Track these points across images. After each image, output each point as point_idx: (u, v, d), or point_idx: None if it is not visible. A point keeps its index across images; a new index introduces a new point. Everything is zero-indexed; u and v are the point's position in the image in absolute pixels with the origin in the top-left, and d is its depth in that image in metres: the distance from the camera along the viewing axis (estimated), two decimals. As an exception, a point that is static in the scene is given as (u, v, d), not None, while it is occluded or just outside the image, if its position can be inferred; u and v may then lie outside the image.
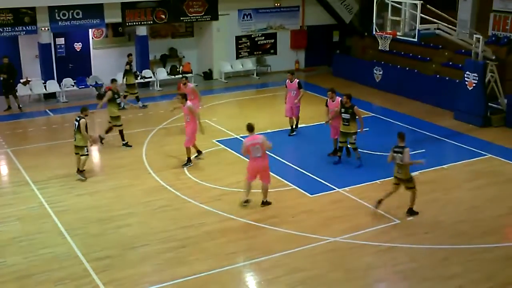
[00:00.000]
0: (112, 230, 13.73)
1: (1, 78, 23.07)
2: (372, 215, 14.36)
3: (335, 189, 15.80)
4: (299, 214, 14.47)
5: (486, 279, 11.65)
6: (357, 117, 16.97)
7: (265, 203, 14.89)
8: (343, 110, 16.98)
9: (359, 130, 17.07)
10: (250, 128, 14.76)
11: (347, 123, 16.98)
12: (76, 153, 16.60)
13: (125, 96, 22.99)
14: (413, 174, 16.44)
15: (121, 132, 19.12)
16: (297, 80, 20.09)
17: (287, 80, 20.17)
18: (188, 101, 17.38)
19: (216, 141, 19.54)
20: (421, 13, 19.46)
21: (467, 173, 17.03)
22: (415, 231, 13.59)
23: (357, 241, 13.14)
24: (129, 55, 24.48)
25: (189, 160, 17.33)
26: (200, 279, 11.70)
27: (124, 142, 19.05)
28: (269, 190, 15.35)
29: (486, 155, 18.26)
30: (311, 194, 15.53)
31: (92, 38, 26.83)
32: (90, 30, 26.33)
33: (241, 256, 12.60)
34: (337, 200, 15.28)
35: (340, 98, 17.37)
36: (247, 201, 14.85)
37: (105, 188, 16.10)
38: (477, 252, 12.70)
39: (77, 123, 16.36)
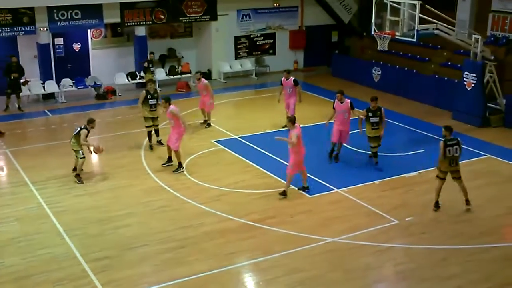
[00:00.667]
0: (111, 230, 13.73)
1: (12, 77, 23.10)
2: (371, 216, 14.37)
3: (333, 190, 15.81)
4: (298, 214, 14.47)
5: (484, 280, 11.66)
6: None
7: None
8: (371, 114, 16.76)
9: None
10: (295, 120, 15.12)
11: (376, 127, 16.81)
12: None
13: None
14: (413, 174, 16.59)
15: (149, 133, 18.97)
16: (293, 78, 20.21)
17: (283, 78, 20.33)
18: (171, 106, 17.05)
19: (215, 141, 19.54)
20: (420, 13, 19.50)
21: (465, 173, 16.87)
22: (413, 231, 13.60)
23: (356, 242, 13.14)
24: (151, 53, 24.55)
25: (180, 165, 17.16)
26: (199, 280, 11.70)
27: (150, 144, 18.96)
28: (268, 190, 15.49)
29: (485, 155, 18.28)
30: (310, 195, 15.53)
31: (91, 38, 26.79)
32: (89, 30, 26.29)
33: (240, 256, 12.60)
34: (336, 200, 15.29)
35: (349, 100, 17.30)
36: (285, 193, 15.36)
37: (104, 188, 16.10)
38: (475, 252, 12.71)
39: (78, 129, 16.35)
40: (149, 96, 18.66)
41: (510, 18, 23.58)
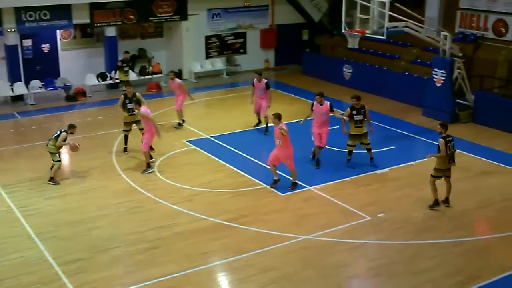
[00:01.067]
0: (83, 232, 13.59)
1: None
2: (344, 212, 14.43)
3: (306, 187, 15.84)
4: (270, 213, 14.48)
5: (455, 273, 11.79)
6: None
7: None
8: (355, 112, 16.62)
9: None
10: (280, 116, 15.33)
11: (360, 125, 16.72)
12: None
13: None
14: (384, 170, 16.73)
15: (125, 137, 18.59)
16: (265, 81, 20.14)
17: (255, 80, 20.21)
18: (142, 108, 17.00)
19: (187, 141, 19.46)
20: (389, 11, 19.60)
21: (436, 169, 17.17)
22: (386, 228, 13.69)
23: (329, 239, 13.19)
24: (126, 52, 24.45)
25: (148, 165, 17.06)
26: (173, 280, 11.64)
27: (125, 147, 18.63)
28: (241, 189, 15.51)
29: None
30: (282, 193, 15.54)
31: (60, 39, 26.51)
32: (58, 31, 26.01)
33: (213, 256, 12.58)
34: (308, 198, 15.31)
35: (329, 102, 17.09)
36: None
37: (75, 190, 15.93)
38: (447, 246, 12.84)
39: (58, 132, 16.19)
40: (127, 101, 18.36)
41: (477, 15, 23.88)
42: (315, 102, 17.13)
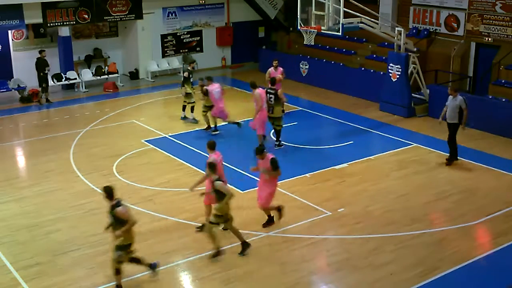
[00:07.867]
0: (41, 236, 13.38)
1: (47, 71, 23.99)
2: (304, 208, 14.51)
3: (266, 184, 15.85)
4: (230, 210, 14.41)
5: (416, 265, 11.96)
6: None
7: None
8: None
9: None
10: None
11: None
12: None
13: (186, 108, 21.69)
14: (343, 165, 16.83)
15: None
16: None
17: (271, 69, 21.04)
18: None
19: (145, 141, 19.31)
20: (344, 7, 19.75)
21: (394, 163, 17.40)
22: (346, 222, 13.81)
23: (290, 235, 13.24)
24: (192, 62, 23.16)
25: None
26: (134, 281, 11.56)
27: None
28: (201, 188, 15.48)
29: (412, 144, 18.72)
30: (242, 190, 15.54)
31: (12, 39, 25.98)
32: (9, 31, 25.48)
33: (175, 255, 12.52)
34: (268, 194, 15.32)
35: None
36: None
37: (32, 193, 15.65)
38: (407, 239, 13.01)
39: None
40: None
41: (430, 10, 24.25)
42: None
